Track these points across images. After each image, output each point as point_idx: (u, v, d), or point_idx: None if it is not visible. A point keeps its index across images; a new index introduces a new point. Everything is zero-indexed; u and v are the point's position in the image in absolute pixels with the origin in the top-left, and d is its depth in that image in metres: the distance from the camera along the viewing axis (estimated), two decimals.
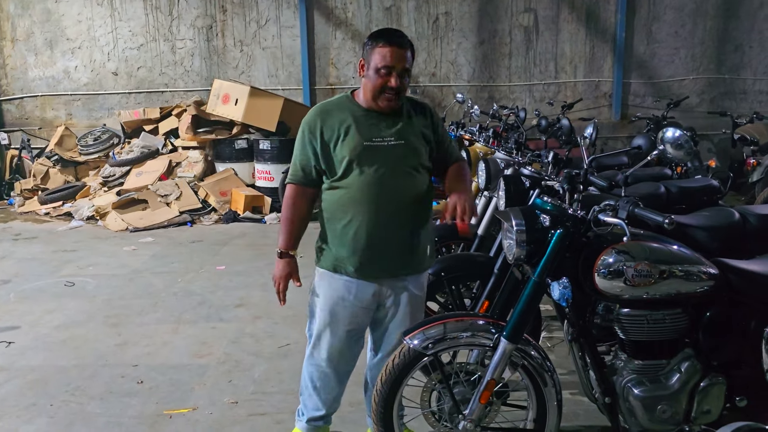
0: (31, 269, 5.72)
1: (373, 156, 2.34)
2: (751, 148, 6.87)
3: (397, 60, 2.29)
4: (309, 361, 2.63)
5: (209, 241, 6.68)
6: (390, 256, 2.42)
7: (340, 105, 2.43)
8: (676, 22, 9.14)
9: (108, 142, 8.79)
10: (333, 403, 2.70)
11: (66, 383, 3.51)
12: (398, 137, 2.37)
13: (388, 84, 2.30)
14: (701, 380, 2.31)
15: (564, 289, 2.22)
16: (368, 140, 2.34)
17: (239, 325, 4.30)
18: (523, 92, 9.35)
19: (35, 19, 9.37)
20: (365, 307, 2.49)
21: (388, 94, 2.32)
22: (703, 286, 2.28)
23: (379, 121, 2.38)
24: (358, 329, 2.56)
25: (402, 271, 2.47)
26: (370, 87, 2.33)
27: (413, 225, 2.44)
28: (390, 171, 2.35)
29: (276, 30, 9.25)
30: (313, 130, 2.39)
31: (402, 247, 2.43)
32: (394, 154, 2.36)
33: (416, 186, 2.41)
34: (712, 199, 3.84)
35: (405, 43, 2.33)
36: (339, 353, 2.56)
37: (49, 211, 8.06)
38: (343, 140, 2.35)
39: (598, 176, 2.71)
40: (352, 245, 2.40)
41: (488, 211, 3.75)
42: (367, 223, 2.36)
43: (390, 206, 2.36)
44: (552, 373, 2.38)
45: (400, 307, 2.50)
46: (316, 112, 2.44)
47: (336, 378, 2.62)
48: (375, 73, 2.30)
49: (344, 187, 2.37)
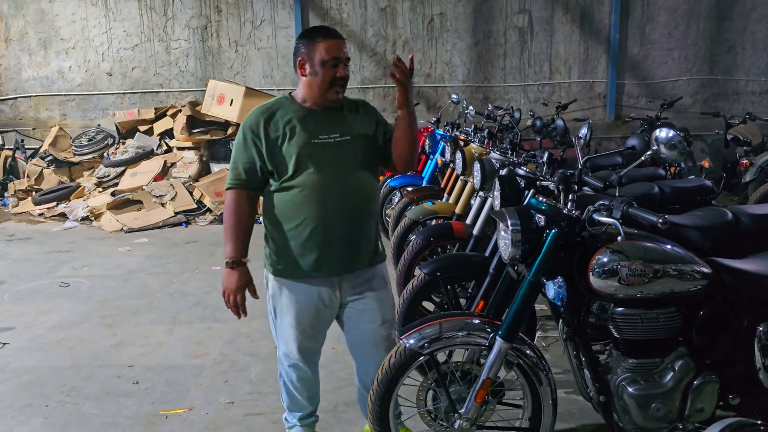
0: (26, 270, 5.70)
1: (321, 153, 2.36)
2: (743, 149, 6.91)
3: (341, 51, 2.35)
4: (284, 364, 2.64)
5: (204, 242, 6.68)
6: (346, 251, 2.43)
7: (281, 105, 2.44)
8: (669, 23, 9.19)
9: (102, 142, 8.76)
10: (317, 396, 2.74)
11: (61, 384, 3.51)
12: (343, 133, 2.40)
13: (338, 74, 2.33)
14: (695, 378, 2.33)
15: (559, 288, 2.24)
16: (315, 137, 2.37)
17: (235, 326, 4.30)
18: (517, 93, 9.38)
19: (29, 19, 9.33)
20: (328, 305, 2.50)
21: (338, 85, 2.35)
22: (697, 285, 2.30)
23: (322, 119, 2.40)
24: (325, 324, 2.58)
25: (359, 265, 2.48)
26: (318, 82, 2.35)
27: (365, 219, 2.48)
28: (340, 167, 2.38)
29: (271, 30, 9.25)
30: (256, 131, 2.39)
31: (357, 241, 2.45)
32: (341, 151, 2.39)
33: (365, 180, 2.46)
34: (705, 199, 3.86)
35: (341, 36, 2.40)
36: (310, 349, 2.60)
37: (43, 211, 8.03)
38: (290, 139, 2.36)
39: (592, 176, 2.73)
40: (307, 245, 2.40)
41: (483, 211, 3.76)
42: (323, 221, 2.37)
43: (342, 202, 2.38)
44: (547, 372, 2.39)
45: (366, 303, 2.51)
46: (257, 113, 2.43)
47: (311, 371, 2.65)
48: (322, 67, 2.33)
49: (296, 186, 2.37)
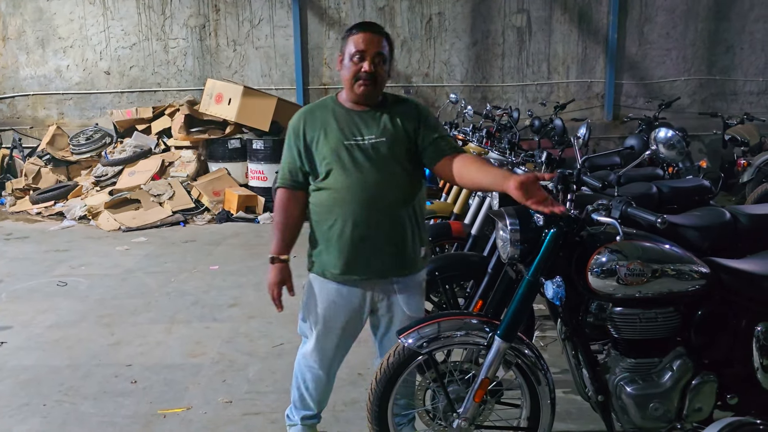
0: (24, 269, 5.69)
1: (353, 155, 2.32)
2: (741, 149, 6.92)
3: (370, 44, 2.28)
4: (301, 362, 2.63)
5: (202, 241, 6.67)
6: (377, 257, 2.38)
7: (324, 106, 2.43)
8: (667, 23, 9.19)
9: (100, 141, 8.75)
10: (325, 399, 2.71)
11: (59, 383, 3.50)
12: (379, 135, 2.34)
13: (362, 69, 2.28)
14: (693, 378, 2.33)
15: (557, 288, 2.24)
16: (348, 139, 2.33)
17: (233, 325, 4.30)
18: (516, 93, 9.38)
19: (27, 18, 9.31)
20: (356, 310, 2.47)
21: (363, 79, 2.29)
22: (695, 285, 2.30)
23: (360, 119, 2.36)
24: (351, 332, 2.54)
25: (391, 273, 2.43)
26: (347, 76, 2.32)
27: (400, 225, 2.38)
28: (372, 170, 2.32)
29: (269, 30, 9.24)
30: (297, 131, 2.39)
31: (389, 247, 2.38)
32: (375, 153, 2.33)
33: (400, 184, 2.37)
34: (703, 199, 3.87)
35: (379, 30, 2.33)
36: (332, 356, 2.56)
37: (40, 210, 8.02)
38: (324, 140, 2.34)
39: (591, 176, 2.73)
40: (337, 247, 2.38)
41: (482, 210, 3.77)
42: (352, 224, 2.33)
43: (374, 206, 2.33)
44: (545, 371, 2.39)
45: (396, 310, 2.47)
46: (300, 113, 2.44)
47: (327, 378, 2.62)
48: (350, 61, 2.30)
49: (328, 188, 2.36)
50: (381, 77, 2.33)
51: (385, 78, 2.36)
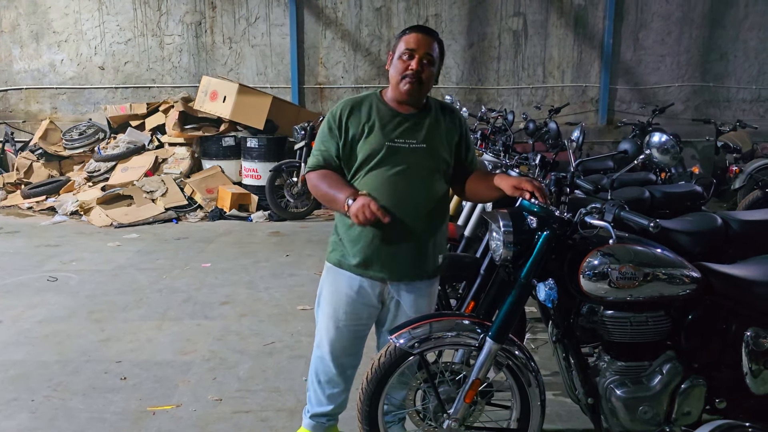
0: (14, 263, 5.66)
1: (393, 157, 2.31)
2: (733, 156, 6.97)
3: (420, 44, 2.29)
4: (315, 354, 2.62)
5: (195, 238, 6.65)
6: (396, 258, 2.38)
7: (368, 101, 2.41)
8: (662, 29, 9.25)
9: (93, 136, 8.71)
10: (338, 399, 2.64)
11: (48, 378, 3.48)
12: (421, 140, 2.34)
13: (410, 67, 2.28)
14: (682, 382, 2.34)
15: (550, 290, 2.24)
16: (390, 141, 2.32)
17: (224, 323, 4.29)
18: (511, 95, 9.41)
19: (21, 11, 9.26)
20: (368, 304, 2.46)
21: (409, 77, 2.29)
22: (686, 290, 2.31)
23: (404, 121, 2.36)
24: (361, 326, 2.52)
25: (407, 276, 2.43)
26: (394, 74, 2.32)
27: (424, 230, 2.39)
28: (407, 173, 2.32)
29: (265, 28, 9.23)
30: (339, 123, 2.37)
31: (409, 251, 2.38)
32: (414, 157, 2.33)
33: (432, 191, 2.38)
34: (695, 205, 3.90)
35: (432, 33, 2.34)
36: (341, 347, 2.54)
37: (32, 205, 7.97)
38: (366, 137, 2.34)
39: (584, 179, 2.74)
40: (358, 242, 2.38)
41: (475, 212, 3.78)
42: (373, 225, 2.29)
43: (401, 209, 2.32)
44: (536, 373, 2.40)
45: (402, 309, 2.47)
46: (343, 105, 2.41)
47: (338, 371, 2.57)
48: (398, 60, 2.31)
49: (359, 183, 2.35)
50: (428, 78, 2.33)
51: (432, 80, 2.36)
